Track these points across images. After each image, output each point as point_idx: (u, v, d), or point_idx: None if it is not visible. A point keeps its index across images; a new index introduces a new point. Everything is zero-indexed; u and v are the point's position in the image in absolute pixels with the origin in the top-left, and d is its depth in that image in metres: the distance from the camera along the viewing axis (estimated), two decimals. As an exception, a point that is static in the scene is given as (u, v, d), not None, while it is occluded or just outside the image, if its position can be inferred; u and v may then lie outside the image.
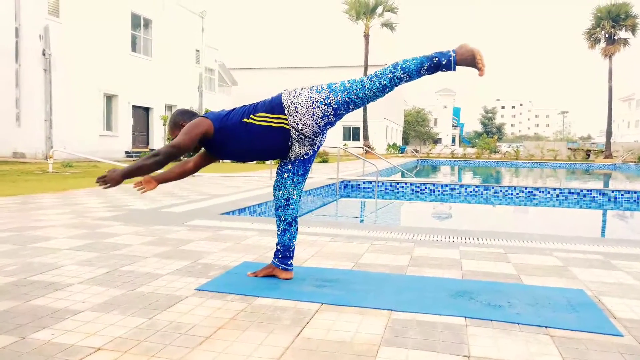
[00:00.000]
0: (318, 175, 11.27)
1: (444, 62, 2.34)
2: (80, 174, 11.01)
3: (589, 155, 36.09)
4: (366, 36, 28.96)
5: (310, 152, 2.63)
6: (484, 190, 10.19)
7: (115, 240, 3.65)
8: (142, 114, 20.76)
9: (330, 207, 8.76)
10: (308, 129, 2.45)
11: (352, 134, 35.82)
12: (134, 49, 20.04)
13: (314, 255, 3.35)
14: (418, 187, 10.33)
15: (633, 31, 31.94)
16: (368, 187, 10.55)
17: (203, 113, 20.41)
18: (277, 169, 2.70)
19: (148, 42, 20.94)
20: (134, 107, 19.99)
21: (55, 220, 4.46)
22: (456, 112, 68.76)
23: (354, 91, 2.39)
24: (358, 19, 28.63)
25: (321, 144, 2.66)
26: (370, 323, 2.08)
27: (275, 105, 2.47)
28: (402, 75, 2.36)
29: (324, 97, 2.41)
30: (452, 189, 10.27)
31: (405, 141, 54.56)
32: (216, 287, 2.52)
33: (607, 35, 32.26)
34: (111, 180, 2.42)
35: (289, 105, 2.44)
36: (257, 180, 9.92)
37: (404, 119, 52.85)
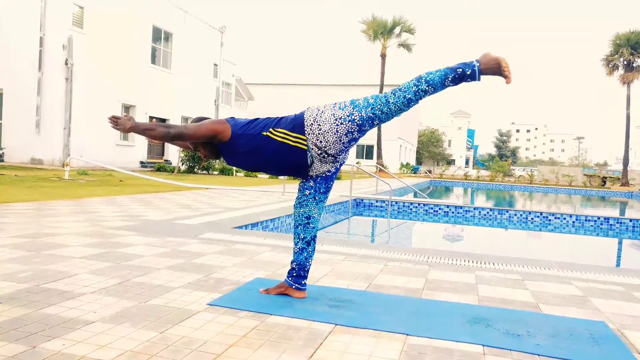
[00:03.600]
0: (331, 192, 11.24)
1: (468, 73, 2.29)
2: (96, 182, 11.11)
3: (604, 182, 35.58)
4: (383, 56, 29.13)
5: (333, 170, 2.60)
6: (498, 213, 10.06)
7: (128, 250, 3.65)
8: (158, 125, 20.99)
9: (343, 225, 8.70)
10: (332, 147, 2.42)
11: (365, 152, 35.82)
12: (153, 61, 20.37)
13: (328, 274, 3.30)
14: (431, 208, 10.24)
15: (652, 59, 31.72)
16: (381, 206, 10.48)
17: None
18: (299, 185, 2.66)
19: (168, 55, 21.28)
20: (151, 117, 20.24)
21: (69, 228, 4.47)
22: (470, 134, 68.52)
23: (378, 106, 2.36)
24: (375, 38, 28.84)
25: (344, 162, 2.63)
26: (385, 347, 2.02)
27: (297, 124, 2.45)
28: (427, 88, 2.31)
29: (348, 114, 2.38)
30: (466, 211, 10.16)
31: (419, 161, 54.40)
32: (228, 303, 2.48)
33: (625, 63, 32.09)
34: (122, 124, 2.39)
35: (312, 124, 2.41)
36: (270, 195, 9.91)
37: (417, 139, 52.78)
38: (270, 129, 2.47)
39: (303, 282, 2.66)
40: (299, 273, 2.65)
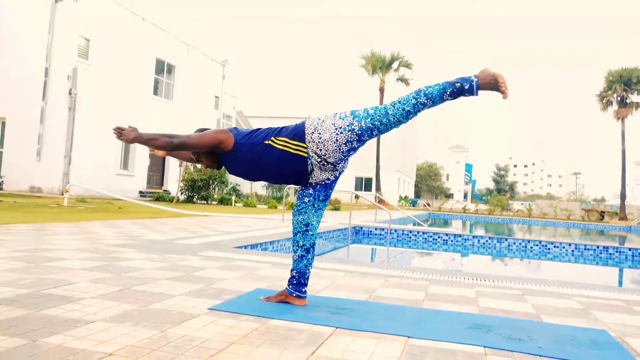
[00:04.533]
0: (330, 220, 11.23)
1: (466, 87, 2.35)
2: (94, 209, 11.11)
3: (603, 216, 35.55)
4: (381, 90, 29.64)
5: (332, 178, 2.64)
6: (497, 242, 10.05)
7: (128, 264, 3.64)
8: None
9: (342, 252, 8.67)
10: (331, 155, 2.47)
11: (364, 184, 35.94)
12: (155, 92, 20.70)
13: (328, 286, 3.29)
14: (430, 236, 10.22)
15: (645, 95, 32.27)
16: (380, 234, 10.46)
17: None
18: (298, 193, 2.70)
19: (170, 86, 21.64)
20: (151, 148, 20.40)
21: (68, 245, 4.47)
22: (468, 168, 68.91)
23: (378, 117, 2.41)
24: (374, 73, 29.41)
25: (343, 170, 2.67)
26: (387, 347, 2.02)
27: (297, 133, 2.50)
28: (426, 101, 2.37)
29: (348, 124, 2.44)
30: (465, 239, 10.14)
31: (417, 194, 54.48)
32: (229, 308, 2.48)
33: (619, 99, 32.61)
34: (126, 135, 2.46)
35: (312, 132, 2.46)
36: (268, 221, 9.91)
37: (416, 172, 53.04)
38: (272, 138, 2.52)
39: (303, 290, 2.66)
40: (299, 281, 2.66)
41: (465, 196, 65.45)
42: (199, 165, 19.26)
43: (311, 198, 2.64)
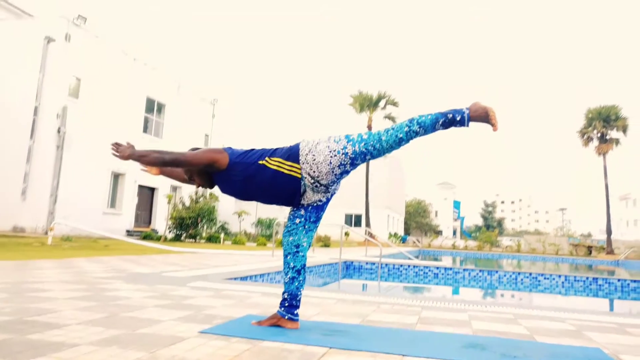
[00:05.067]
0: (320, 255, 11.14)
1: (458, 119, 2.40)
2: (80, 246, 10.91)
3: (590, 251, 35.72)
4: (369, 127, 30.05)
5: (324, 200, 2.65)
6: (488, 274, 10.02)
7: (115, 293, 3.56)
8: (146, 194, 20.99)
9: (332, 287, 8.55)
10: (324, 177, 2.49)
11: (354, 221, 35.86)
12: (145, 130, 20.77)
13: (320, 312, 3.25)
14: (421, 270, 10.16)
15: (624, 131, 33.11)
16: (371, 269, 10.38)
17: (208, 194, 20.34)
18: (289, 214, 2.69)
19: (160, 125, 21.74)
20: (140, 186, 20.27)
21: (53, 277, 4.37)
22: (456, 205, 69.32)
23: (371, 142, 2.45)
24: (362, 111, 29.92)
25: (335, 192, 2.69)
26: (382, 365, 1.98)
27: (292, 154, 2.53)
28: (418, 129, 2.42)
29: (342, 147, 2.47)
30: (456, 272, 10.10)
31: (407, 231, 54.42)
32: (220, 331, 2.43)
33: (599, 135, 33.40)
34: (123, 151, 2.47)
35: (307, 154, 2.49)
36: (258, 257, 9.79)
37: (405, 209, 53.17)
38: (267, 158, 2.54)
39: (295, 312, 2.62)
40: (290, 303, 2.62)
41: (454, 233, 65.52)
42: (187, 203, 19.17)
43: (302, 219, 2.64)
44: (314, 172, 2.48)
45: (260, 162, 2.53)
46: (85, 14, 17.43)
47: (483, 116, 2.40)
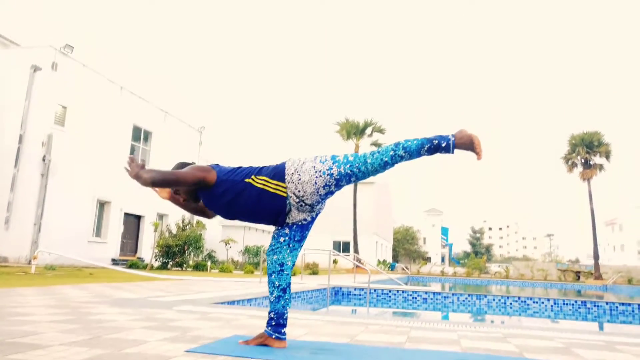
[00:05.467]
0: (308, 282, 11.04)
1: (443, 145, 2.42)
2: (64, 275, 10.69)
3: (579, 276, 35.88)
4: (356, 155, 30.29)
5: (309, 219, 2.66)
6: (477, 299, 9.99)
7: (99, 317, 3.49)
8: (132, 222, 20.74)
9: (321, 312, 8.45)
10: (309, 197, 2.50)
11: (341, 248, 35.70)
12: (132, 158, 20.69)
13: (308, 333, 3.21)
14: (410, 295, 10.11)
15: (607, 157, 33.75)
16: (360, 295, 10.29)
17: (195, 221, 20.16)
18: (274, 233, 2.69)
19: (146, 153, 21.68)
20: (126, 214, 20.05)
21: (36, 303, 4.27)
22: (444, 231, 69.45)
23: (357, 165, 2.46)
24: (349, 138, 30.18)
25: (320, 212, 2.70)
26: (371, 380, 1.96)
27: (277, 172, 2.54)
28: (403, 154, 2.43)
29: (327, 168, 2.48)
30: (445, 297, 10.06)
31: (395, 258, 54.23)
32: (207, 350, 2.39)
33: (583, 161, 34.00)
34: (132, 168, 2.48)
35: (292, 173, 2.49)
36: (245, 283, 9.67)
37: (393, 236, 53.13)
38: (252, 176, 2.55)
39: (283, 331, 2.59)
40: (277, 322, 2.59)
41: (442, 259, 65.44)
42: (174, 231, 18.96)
43: (287, 238, 2.63)
44: (299, 191, 2.49)
45: (247, 180, 2.54)
46: (72, 43, 17.57)
47: (468, 144, 2.41)
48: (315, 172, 2.48)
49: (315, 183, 2.47)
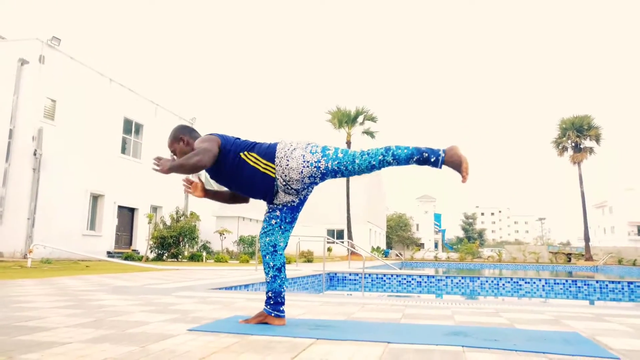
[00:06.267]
0: (304, 269, 11.14)
1: (432, 160, 2.45)
2: (60, 268, 10.71)
3: (570, 258, 36.38)
4: (348, 143, 30.34)
5: (297, 201, 2.71)
6: (470, 281, 10.15)
7: (100, 302, 3.56)
8: (127, 215, 20.72)
9: (318, 295, 8.57)
10: (294, 183, 2.56)
11: (335, 236, 35.88)
12: (123, 151, 20.60)
13: (306, 312, 3.30)
14: (404, 278, 10.25)
15: (597, 140, 34.07)
16: (355, 280, 10.42)
17: (189, 213, 20.13)
18: (265, 215, 2.73)
19: (138, 145, 21.59)
20: (120, 207, 20.02)
21: (37, 293, 4.32)
22: (437, 217, 69.92)
23: (344, 163, 2.51)
24: (340, 127, 30.21)
25: (307, 196, 2.74)
26: (368, 351, 2.04)
27: (268, 152, 2.58)
28: (392, 161, 2.48)
29: (316, 160, 2.52)
30: (439, 280, 10.21)
31: (389, 245, 54.59)
32: (208, 328, 2.46)
33: (573, 144, 34.31)
34: (163, 164, 2.48)
35: (282, 157, 2.55)
36: (241, 271, 9.76)
37: (386, 223, 53.43)
38: (245, 152, 2.60)
39: (281, 309, 2.67)
40: (276, 300, 2.66)
41: (436, 245, 65.96)
42: (168, 222, 18.98)
43: (278, 220, 2.69)
44: (286, 176, 2.54)
45: (241, 154, 2.59)
46: (59, 35, 17.35)
47: (456, 164, 2.44)
48: (304, 161, 2.52)
49: (302, 172, 2.53)
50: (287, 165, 2.53)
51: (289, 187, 2.57)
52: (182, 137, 2.72)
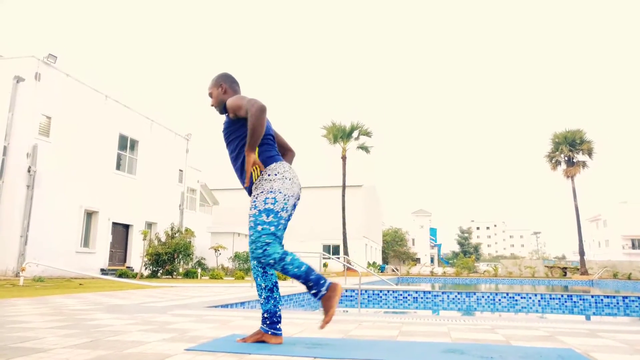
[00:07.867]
0: (299, 285, 11.10)
1: (313, 291, 2.53)
2: (53, 286, 10.62)
3: (565, 272, 36.38)
4: (343, 158, 30.46)
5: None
6: (466, 296, 10.14)
7: (96, 322, 3.54)
8: (121, 231, 20.61)
9: (314, 313, 8.53)
10: (250, 193, 2.76)
11: (331, 252, 35.79)
12: (118, 167, 20.58)
13: (303, 330, 3.30)
14: (400, 294, 10.23)
15: (590, 154, 34.36)
16: (351, 296, 10.39)
17: (184, 229, 20.06)
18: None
19: (133, 161, 21.58)
20: (114, 223, 19.92)
21: (30, 311, 4.29)
22: (433, 232, 69.89)
23: (251, 246, 2.61)
24: (335, 142, 30.34)
25: (289, 218, 2.76)
26: (365, 369, 2.06)
27: (267, 159, 2.68)
28: (280, 270, 2.54)
29: (253, 213, 2.64)
30: (435, 296, 10.20)
31: (385, 260, 54.45)
32: (206, 348, 2.46)
33: (566, 158, 34.56)
34: (247, 163, 2.53)
35: (259, 181, 2.66)
36: (237, 288, 9.71)
37: (382, 238, 53.37)
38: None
39: (278, 327, 2.68)
40: (271, 320, 2.67)
41: (431, 260, 65.84)
42: (163, 239, 18.90)
43: None
44: (253, 185, 2.70)
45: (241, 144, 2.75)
46: (55, 52, 17.45)
47: (326, 307, 2.50)
48: (256, 197, 2.64)
49: (254, 198, 2.67)
50: (260, 180, 2.63)
51: (249, 189, 2.71)
52: (222, 84, 2.80)
